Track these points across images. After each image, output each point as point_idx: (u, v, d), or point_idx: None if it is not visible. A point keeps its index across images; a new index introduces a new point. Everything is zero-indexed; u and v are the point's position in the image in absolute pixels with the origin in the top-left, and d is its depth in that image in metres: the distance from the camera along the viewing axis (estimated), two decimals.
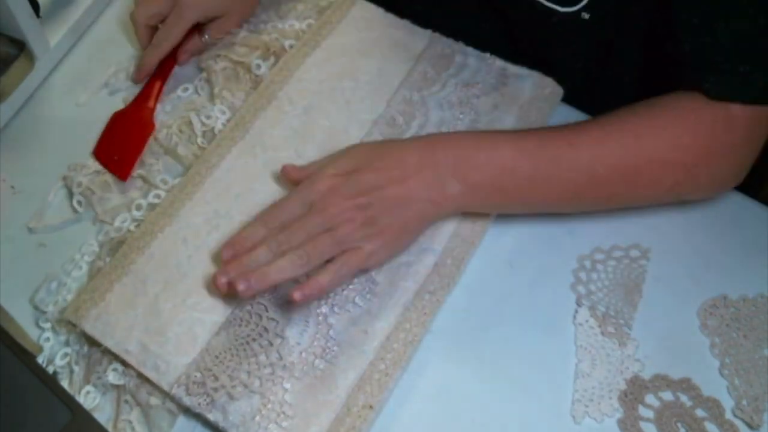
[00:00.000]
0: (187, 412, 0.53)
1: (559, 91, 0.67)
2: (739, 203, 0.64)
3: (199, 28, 0.70)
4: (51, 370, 0.55)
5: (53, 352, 0.56)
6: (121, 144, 0.66)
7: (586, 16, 0.63)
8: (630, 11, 0.63)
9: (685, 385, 0.55)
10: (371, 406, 0.52)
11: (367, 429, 0.52)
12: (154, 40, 0.69)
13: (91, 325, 0.55)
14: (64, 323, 0.57)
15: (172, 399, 0.53)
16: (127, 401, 0.54)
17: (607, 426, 0.54)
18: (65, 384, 0.55)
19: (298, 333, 0.55)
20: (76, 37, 0.73)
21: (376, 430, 0.53)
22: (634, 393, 0.55)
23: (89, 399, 0.54)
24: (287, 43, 0.70)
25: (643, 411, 0.54)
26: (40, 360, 0.55)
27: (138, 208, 0.62)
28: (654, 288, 0.59)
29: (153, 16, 0.69)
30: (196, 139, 0.65)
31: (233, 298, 0.56)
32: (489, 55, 0.68)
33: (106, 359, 0.55)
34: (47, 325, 0.57)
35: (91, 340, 0.55)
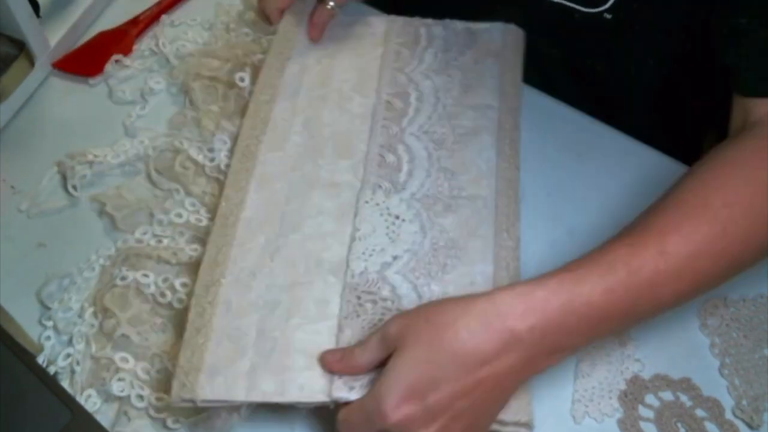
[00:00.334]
0: None
1: (521, 32, 0.70)
2: None
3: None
4: (52, 370, 0.55)
5: (54, 351, 0.56)
6: (94, 52, 0.71)
7: (608, 16, 0.63)
8: (654, 15, 0.63)
9: (685, 385, 0.55)
10: None
11: None
12: None
13: (211, 390, 0.50)
14: (69, 327, 0.56)
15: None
16: (126, 413, 0.53)
17: (607, 426, 0.54)
18: (66, 384, 0.54)
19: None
20: (76, 37, 0.73)
21: None
22: (634, 393, 0.55)
23: (90, 403, 0.53)
24: (257, 58, 0.69)
25: (643, 411, 0.54)
26: (40, 360, 0.55)
27: (159, 224, 0.61)
28: None
29: None
30: (204, 169, 0.64)
31: (335, 299, 0.55)
32: (449, 20, 0.70)
33: (113, 367, 0.54)
34: (49, 323, 0.57)
35: (101, 342, 0.55)
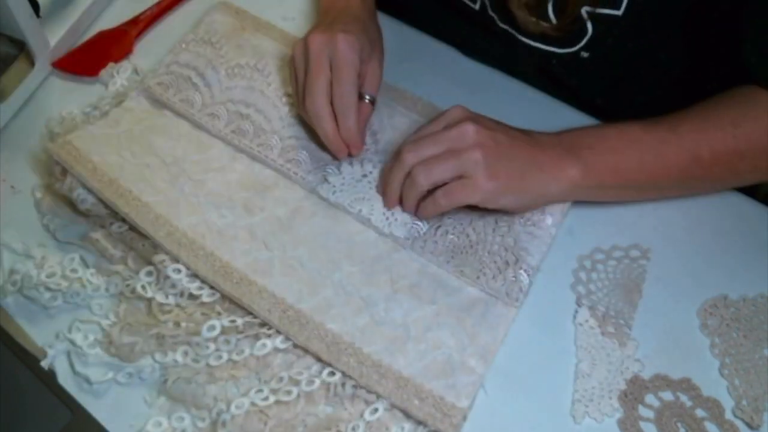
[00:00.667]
0: None
1: None
2: (739, 203, 0.64)
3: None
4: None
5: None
6: (94, 52, 0.71)
7: (585, 54, 0.64)
8: (630, 48, 0.63)
9: (685, 385, 0.55)
10: None
11: None
12: (339, 115, 0.60)
13: None
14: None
15: None
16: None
17: (607, 426, 0.54)
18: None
19: None
20: (76, 37, 0.72)
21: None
22: (634, 393, 0.55)
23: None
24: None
25: (643, 411, 0.54)
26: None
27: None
28: (654, 288, 0.59)
29: (325, 95, 0.60)
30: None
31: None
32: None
33: None
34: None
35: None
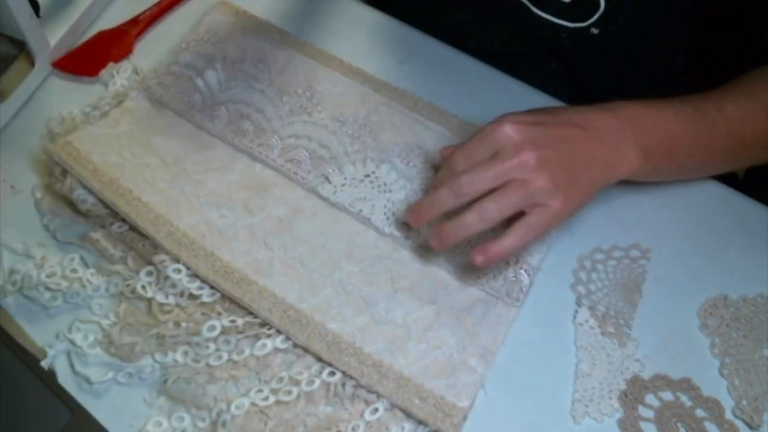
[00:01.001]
0: None
1: None
2: (739, 203, 0.64)
3: None
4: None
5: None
6: (94, 52, 0.71)
7: (595, 31, 0.63)
8: (640, 30, 0.63)
9: (685, 385, 0.55)
10: None
11: None
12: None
13: None
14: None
15: None
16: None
17: (607, 426, 0.54)
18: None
19: None
20: (76, 37, 0.72)
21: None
22: (634, 393, 0.55)
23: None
24: None
25: (643, 411, 0.54)
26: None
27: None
28: (654, 288, 0.59)
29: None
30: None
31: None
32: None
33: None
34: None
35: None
